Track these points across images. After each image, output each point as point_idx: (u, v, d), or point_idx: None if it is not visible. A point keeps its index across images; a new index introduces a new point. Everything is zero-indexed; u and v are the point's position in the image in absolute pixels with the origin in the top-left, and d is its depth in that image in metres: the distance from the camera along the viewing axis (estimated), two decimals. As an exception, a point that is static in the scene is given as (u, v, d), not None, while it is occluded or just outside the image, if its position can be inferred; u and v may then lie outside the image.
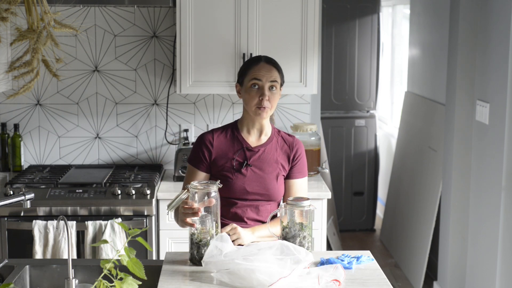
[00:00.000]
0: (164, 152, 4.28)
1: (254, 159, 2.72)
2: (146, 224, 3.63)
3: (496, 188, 3.73)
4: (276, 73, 2.72)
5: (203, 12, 3.85)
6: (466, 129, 4.14)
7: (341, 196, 6.17)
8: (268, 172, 2.72)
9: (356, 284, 2.31)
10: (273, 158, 2.74)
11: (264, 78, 2.67)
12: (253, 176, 2.70)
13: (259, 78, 2.67)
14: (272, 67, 2.72)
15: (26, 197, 2.38)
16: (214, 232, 2.45)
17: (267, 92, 2.67)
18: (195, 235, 2.44)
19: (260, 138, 2.77)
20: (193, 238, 2.45)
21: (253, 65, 2.72)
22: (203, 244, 2.42)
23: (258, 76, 2.68)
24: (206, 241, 2.42)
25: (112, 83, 4.21)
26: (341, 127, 6.14)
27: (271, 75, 2.69)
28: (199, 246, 2.43)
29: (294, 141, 2.81)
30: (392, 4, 6.73)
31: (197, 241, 2.44)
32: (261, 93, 2.67)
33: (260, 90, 2.67)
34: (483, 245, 3.93)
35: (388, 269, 5.22)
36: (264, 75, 2.68)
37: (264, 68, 2.69)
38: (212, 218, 2.45)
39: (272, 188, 2.72)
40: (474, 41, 4.07)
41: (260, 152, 2.74)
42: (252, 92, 2.68)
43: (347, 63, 6.08)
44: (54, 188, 3.71)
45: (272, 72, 2.70)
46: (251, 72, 2.70)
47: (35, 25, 2.92)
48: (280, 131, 2.84)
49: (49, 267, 2.54)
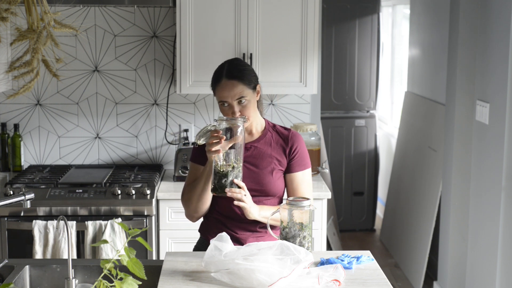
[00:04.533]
0: (164, 152, 4.28)
1: (247, 155, 2.71)
2: (146, 224, 3.63)
3: (496, 188, 3.73)
4: (240, 87, 2.64)
5: (203, 12, 3.85)
6: (466, 129, 4.14)
7: (341, 196, 6.17)
8: (262, 168, 2.71)
9: (356, 284, 2.31)
10: (267, 153, 2.73)
11: (229, 98, 2.64)
12: (247, 173, 2.69)
13: (224, 100, 2.65)
14: (234, 82, 2.64)
15: (26, 197, 2.38)
16: (236, 165, 2.53)
17: (236, 109, 2.64)
18: (218, 164, 2.52)
19: (252, 134, 2.76)
20: (216, 168, 2.52)
21: (216, 83, 2.68)
22: (224, 174, 2.51)
23: (222, 98, 2.65)
24: (227, 172, 2.51)
25: (112, 83, 4.21)
26: (341, 127, 6.14)
27: (234, 93, 2.64)
28: (220, 176, 2.51)
29: (290, 134, 2.78)
30: (392, 4, 6.74)
31: (219, 171, 2.51)
32: (232, 111, 2.65)
33: (230, 108, 2.65)
34: (483, 245, 3.93)
35: (388, 269, 5.22)
36: (228, 95, 2.64)
37: (226, 87, 2.64)
38: (235, 153, 2.53)
39: (267, 183, 2.70)
40: (474, 41, 4.07)
41: (252, 149, 2.73)
42: (224, 109, 2.67)
43: (347, 63, 6.08)
44: (54, 188, 3.71)
45: (235, 88, 2.64)
46: (216, 92, 2.67)
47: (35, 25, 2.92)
48: (275, 125, 2.81)
49: (49, 267, 2.54)
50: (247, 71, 2.69)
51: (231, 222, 2.71)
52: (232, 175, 2.51)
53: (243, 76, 2.67)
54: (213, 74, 2.72)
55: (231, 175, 2.51)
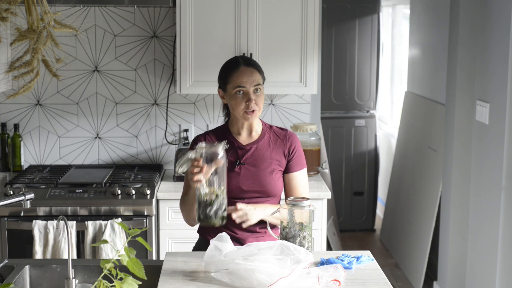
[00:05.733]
0: (164, 152, 4.28)
1: (247, 157, 2.71)
2: (146, 224, 3.63)
3: (496, 188, 3.73)
4: (257, 75, 2.67)
5: (203, 12, 3.85)
6: (466, 129, 4.14)
7: (341, 196, 6.17)
8: (263, 169, 2.71)
9: (356, 284, 2.31)
10: (267, 154, 2.73)
11: (247, 84, 2.63)
12: (247, 174, 2.69)
13: (243, 85, 2.63)
14: (253, 70, 2.67)
15: (26, 197, 2.38)
16: (220, 193, 2.46)
17: (252, 97, 2.63)
18: (201, 194, 2.46)
19: (251, 136, 2.75)
20: (200, 197, 2.46)
21: (233, 70, 2.66)
22: (208, 204, 2.44)
23: (241, 83, 2.63)
24: (211, 201, 2.44)
25: (112, 83, 4.21)
26: (341, 127, 6.14)
27: (253, 79, 2.65)
28: (205, 205, 2.45)
29: (287, 134, 2.79)
30: (392, 4, 6.74)
31: (203, 200, 2.45)
32: (247, 98, 2.63)
33: (246, 95, 2.64)
34: (483, 245, 3.93)
35: (388, 269, 5.22)
36: (247, 81, 2.64)
37: (245, 73, 2.65)
38: (219, 179, 2.46)
39: (267, 184, 2.71)
40: (474, 41, 4.07)
41: (252, 150, 2.72)
42: (238, 98, 2.64)
43: (347, 63, 6.08)
44: (54, 188, 3.71)
45: (254, 75, 2.66)
46: (233, 78, 2.65)
47: (35, 25, 2.92)
48: (272, 126, 2.81)
49: (49, 267, 2.54)
50: (259, 65, 2.74)
51: (231, 223, 2.71)
52: (216, 203, 2.44)
53: (259, 67, 2.72)
54: (226, 65, 2.72)
55: (216, 203, 2.44)
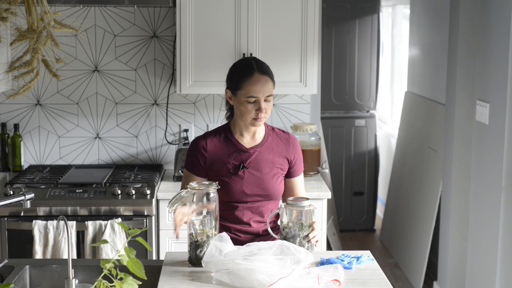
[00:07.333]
0: (164, 152, 4.28)
1: (251, 160, 2.68)
2: (146, 224, 3.63)
3: (496, 188, 3.73)
4: (270, 84, 2.60)
5: (203, 12, 3.85)
6: (466, 129, 4.14)
7: (341, 196, 6.17)
8: (266, 172, 2.70)
9: (356, 284, 2.31)
10: (270, 157, 2.71)
11: (260, 93, 2.56)
12: (250, 178, 2.68)
13: (256, 95, 2.56)
14: (267, 78, 2.59)
15: (26, 197, 2.38)
16: (212, 234, 2.45)
17: (263, 105, 2.58)
18: (193, 236, 2.44)
19: (254, 138, 2.72)
20: (191, 238, 2.45)
21: (246, 77, 2.58)
22: (199, 245, 2.43)
23: (254, 93, 2.56)
24: (202, 242, 2.43)
25: (112, 83, 4.21)
26: (341, 127, 6.14)
27: (266, 89, 2.57)
28: (196, 246, 2.43)
29: (290, 138, 2.77)
30: (392, 4, 6.73)
31: (194, 241, 2.44)
32: (258, 107, 2.57)
33: (257, 104, 2.57)
34: (483, 245, 3.93)
35: (388, 269, 5.22)
36: (261, 90, 2.56)
37: (259, 83, 2.57)
38: (211, 220, 2.45)
39: (271, 188, 2.70)
40: (474, 41, 4.07)
41: (256, 153, 2.69)
42: (249, 106, 2.58)
43: (347, 63, 6.08)
44: (54, 188, 3.71)
45: (267, 85, 2.58)
46: (245, 86, 2.57)
47: (35, 25, 2.92)
48: (274, 128, 2.78)
49: (49, 267, 2.54)
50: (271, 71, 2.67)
51: (234, 227, 2.72)
52: (206, 246, 2.43)
53: (272, 74, 2.64)
54: (238, 68, 2.64)
55: (206, 246, 2.43)
